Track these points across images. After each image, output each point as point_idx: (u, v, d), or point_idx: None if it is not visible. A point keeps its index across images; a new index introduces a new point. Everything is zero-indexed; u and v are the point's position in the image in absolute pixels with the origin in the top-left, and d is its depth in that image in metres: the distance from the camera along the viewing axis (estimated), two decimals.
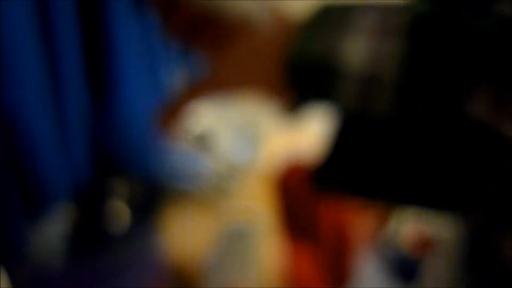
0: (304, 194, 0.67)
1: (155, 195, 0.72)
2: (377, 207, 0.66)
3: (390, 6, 0.26)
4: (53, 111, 0.52)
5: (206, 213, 0.74)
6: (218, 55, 0.30)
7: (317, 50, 0.26)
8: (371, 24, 0.25)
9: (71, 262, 0.61)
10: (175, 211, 0.73)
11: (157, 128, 0.34)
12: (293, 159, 0.71)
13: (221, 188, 0.77)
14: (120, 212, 0.66)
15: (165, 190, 0.74)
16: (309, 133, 0.66)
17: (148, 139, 0.70)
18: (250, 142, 0.82)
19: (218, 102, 0.93)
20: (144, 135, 0.69)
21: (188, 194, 0.76)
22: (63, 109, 0.53)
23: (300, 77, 0.27)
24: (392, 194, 0.28)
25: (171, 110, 0.33)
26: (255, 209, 0.73)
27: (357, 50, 0.25)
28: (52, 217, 0.58)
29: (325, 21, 0.26)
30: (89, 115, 0.60)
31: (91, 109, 0.61)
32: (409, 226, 0.71)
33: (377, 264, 0.71)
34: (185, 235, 0.70)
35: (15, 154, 0.48)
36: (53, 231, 0.60)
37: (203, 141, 0.87)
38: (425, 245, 0.67)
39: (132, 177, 0.69)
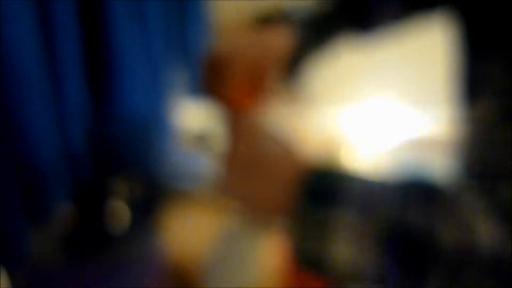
0: None
1: (155, 195, 0.72)
2: None
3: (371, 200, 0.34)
4: (53, 111, 0.52)
5: (206, 213, 0.74)
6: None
7: (310, 255, 0.34)
8: (351, 230, 0.33)
9: (71, 262, 0.61)
10: (175, 211, 0.73)
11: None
12: None
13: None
14: (120, 212, 0.66)
15: (165, 190, 0.74)
16: (310, 133, 0.66)
17: (148, 139, 0.70)
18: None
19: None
20: (145, 134, 0.69)
21: (188, 194, 0.76)
22: (63, 109, 0.53)
23: (305, 266, 0.36)
24: None
25: None
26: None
27: (341, 255, 0.33)
28: (52, 217, 0.58)
29: (313, 218, 0.34)
30: (89, 115, 0.60)
31: (91, 108, 0.61)
32: None
33: None
34: (185, 235, 0.70)
35: (15, 153, 0.48)
36: (53, 231, 0.60)
37: (203, 141, 0.87)
38: None
39: (132, 177, 0.69)
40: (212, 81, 0.48)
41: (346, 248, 0.33)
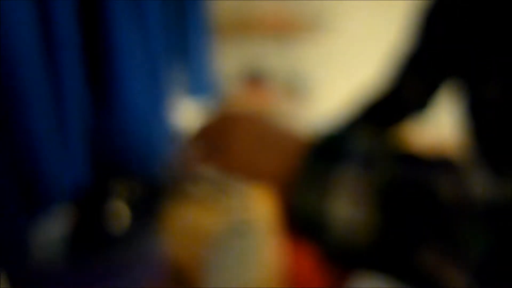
0: None
1: (155, 195, 0.72)
2: None
3: (370, 164, 0.34)
4: (53, 112, 0.52)
5: (206, 213, 0.74)
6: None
7: (309, 212, 0.34)
8: (350, 187, 0.33)
9: (71, 262, 0.61)
10: (175, 211, 0.73)
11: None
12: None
13: (221, 188, 0.77)
14: (120, 212, 0.66)
15: (165, 190, 0.74)
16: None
17: (148, 140, 0.70)
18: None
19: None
20: (144, 135, 0.69)
21: (188, 194, 0.76)
22: (63, 110, 0.53)
23: (299, 226, 0.36)
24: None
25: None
26: (255, 209, 0.72)
27: (338, 212, 0.33)
28: (52, 217, 0.58)
29: (315, 176, 0.34)
30: (89, 115, 0.60)
31: (91, 109, 0.61)
32: None
33: None
34: (185, 235, 0.70)
35: (15, 154, 0.48)
36: (53, 231, 0.60)
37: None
38: None
39: (132, 177, 0.69)
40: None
41: (344, 205, 0.33)
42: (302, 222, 0.35)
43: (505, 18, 0.49)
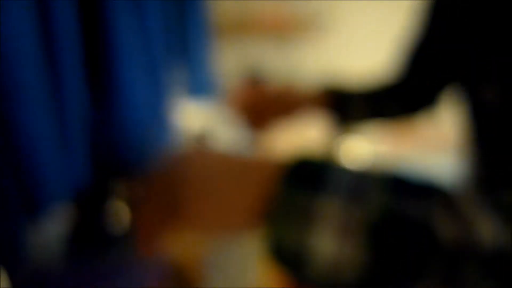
0: None
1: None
2: None
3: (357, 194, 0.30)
4: (53, 112, 0.52)
5: None
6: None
7: (288, 247, 0.30)
8: (336, 220, 0.29)
9: (71, 262, 0.61)
10: None
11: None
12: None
13: None
14: (120, 212, 0.66)
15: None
16: (307, 137, 0.66)
17: (148, 139, 0.70)
18: (249, 142, 0.82)
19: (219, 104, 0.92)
20: (144, 135, 0.69)
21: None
22: (63, 110, 0.53)
23: (278, 261, 0.31)
24: None
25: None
26: None
27: (322, 248, 0.29)
28: (52, 217, 0.58)
29: (294, 207, 0.30)
30: (89, 115, 0.60)
31: (91, 109, 0.60)
32: None
33: None
34: (185, 235, 0.70)
35: (15, 154, 0.48)
36: (53, 231, 0.60)
37: (203, 141, 0.87)
38: None
39: (132, 177, 0.69)
40: None
41: (329, 241, 0.29)
42: (281, 258, 0.31)
43: (505, 18, 0.49)
